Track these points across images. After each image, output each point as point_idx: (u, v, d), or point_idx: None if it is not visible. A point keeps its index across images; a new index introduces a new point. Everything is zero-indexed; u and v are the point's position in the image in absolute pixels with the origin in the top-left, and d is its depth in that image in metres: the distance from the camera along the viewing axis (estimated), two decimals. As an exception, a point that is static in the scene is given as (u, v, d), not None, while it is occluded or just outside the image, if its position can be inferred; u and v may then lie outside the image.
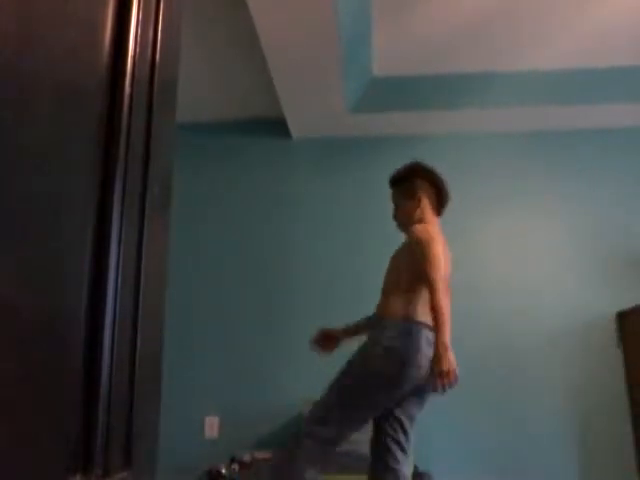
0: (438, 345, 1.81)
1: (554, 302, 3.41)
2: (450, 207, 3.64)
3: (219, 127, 3.91)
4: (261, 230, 3.69)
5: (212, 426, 3.40)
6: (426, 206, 2.19)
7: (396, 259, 2.12)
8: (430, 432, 3.28)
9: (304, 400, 3.19)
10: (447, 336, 1.83)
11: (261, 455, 3.08)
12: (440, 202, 2.23)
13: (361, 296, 3.54)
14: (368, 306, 3.53)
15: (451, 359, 1.80)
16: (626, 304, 3.31)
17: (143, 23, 0.63)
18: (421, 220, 2.17)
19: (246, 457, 3.08)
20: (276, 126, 3.80)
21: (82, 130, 0.53)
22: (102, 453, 0.51)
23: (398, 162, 3.74)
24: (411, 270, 2.03)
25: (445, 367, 1.78)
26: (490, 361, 3.29)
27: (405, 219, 2.21)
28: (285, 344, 3.50)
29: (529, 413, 3.25)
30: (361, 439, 3.11)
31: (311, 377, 3.42)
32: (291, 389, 3.40)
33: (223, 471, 2.96)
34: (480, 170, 3.67)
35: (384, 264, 3.61)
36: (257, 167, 3.81)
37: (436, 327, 1.84)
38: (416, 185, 2.19)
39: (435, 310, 1.85)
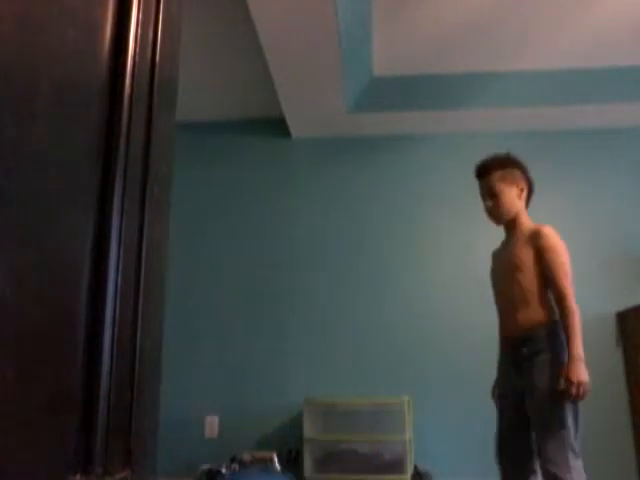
0: (573, 356, 1.82)
1: (554, 302, 3.41)
2: (450, 207, 3.64)
3: (219, 127, 3.90)
4: (261, 230, 3.69)
5: (212, 426, 3.40)
6: (524, 199, 2.05)
7: (514, 262, 1.96)
8: (430, 432, 3.28)
9: (304, 400, 3.19)
10: (580, 347, 1.85)
11: (261, 455, 3.08)
12: (528, 200, 2.10)
13: (361, 296, 3.54)
14: (368, 306, 3.53)
15: (584, 371, 1.82)
16: (626, 304, 3.31)
17: (143, 23, 0.63)
18: (522, 213, 2.04)
19: (246, 457, 3.08)
20: (276, 126, 3.80)
21: (82, 130, 0.53)
22: (102, 453, 0.51)
23: (398, 162, 3.74)
24: (540, 275, 1.92)
25: (578, 378, 1.81)
26: (490, 360, 3.28)
27: (507, 209, 2.03)
28: (285, 344, 3.49)
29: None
30: (361, 439, 3.11)
31: (311, 377, 3.42)
32: (291, 389, 3.40)
33: (223, 471, 2.96)
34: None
35: (384, 263, 3.62)
36: (257, 167, 3.81)
37: (569, 337, 1.85)
38: (516, 174, 2.05)
39: (570, 318, 1.86)
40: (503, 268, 2.01)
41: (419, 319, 3.47)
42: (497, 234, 3.61)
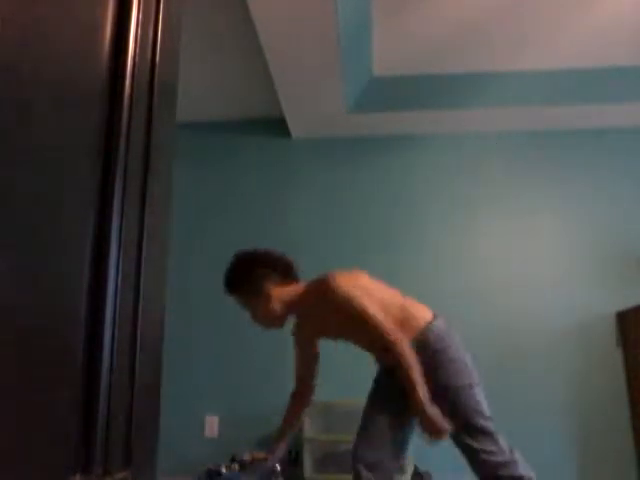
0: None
1: (554, 302, 3.41)
2: (450, 208, 3.64)
3: (219, 127, 3.90)
4: (261, 230, 3.69)
5: (212, 425, 3.40)
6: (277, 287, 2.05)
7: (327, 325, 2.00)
8: (430, 432, 3.28)
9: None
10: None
11: (261, 455, 3.08)
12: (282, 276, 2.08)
13: (361, 296, 3.53)
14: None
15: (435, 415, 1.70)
16: (626, 304, 3.31)
17: (143, 23, 0.63)
18: (279, 297, 2.05)
19: (246, 456, 3.08)
20: (276, 126, 3.80)
21: (82, 130, 0.53)
22: (102, 453, 0.51)
23: (398, 162, 3.73)
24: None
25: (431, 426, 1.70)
26: (490, 361, 3.28)
27: (269, 316, 2.12)
28: (285, 344, 3.49)
29: (529, 413, 3.25)
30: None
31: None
32: (291, 389, 3.39)
33: (223, 470, 2.96)
34: (480, 170, 3.67)
35: (384, 264, 3.61)
36: (257, 167, 3.81)
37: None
38: (255, 280, 2.06)
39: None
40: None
41: (419, 319, 3.47)
42: (498, 234, 3.62)
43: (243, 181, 3.78)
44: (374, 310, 1.83)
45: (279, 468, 2.98)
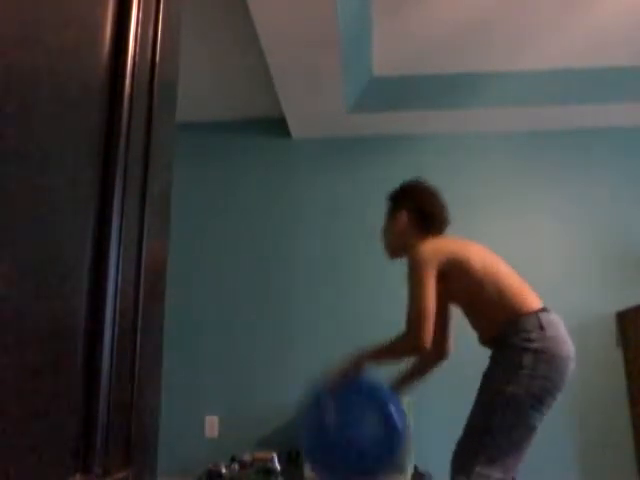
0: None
1: (554, 302, 3.39)
2: (450, 207, 3.64)
3: (219, 127, 3.90)
4: (261, 230, 3.69)
5: (212, 425, 3.40)
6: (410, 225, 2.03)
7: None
8: (430, 432, 3.28)
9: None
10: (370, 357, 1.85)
11: (261, 455, 3.08)
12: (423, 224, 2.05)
13: (361, 296, 3.54)
14: (367, 305, 3.53)
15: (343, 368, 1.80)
16: (626, 304, 3.31)
17: (143, 23, 0.63)
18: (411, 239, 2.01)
19: (246, 457, 3.08)
20: (276, 126, 3.80)
21: (82, 130, 0.53)
22: (102, 453, 0.51)
23: (398, 162, 3.73)
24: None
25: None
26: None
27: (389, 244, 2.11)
28: (285, 344, 3.49)
29: (529, 413, 3.25)
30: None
31: (311, 377, 3.41)
32: (291, 389, 3.40)
33: (223, 471, 2.96)
34: (480, 170, 3.67)
35: (384, 263, 3.61)
36: (257, 167, 3.81)
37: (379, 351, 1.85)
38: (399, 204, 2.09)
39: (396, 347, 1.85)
40: None
41: (419, 319, 3.47)
42: (498, 234, 3.61)
43: (243, 181, 3.78)
44: (426, 297, 1.74)
45: (279, 468, 2.98)
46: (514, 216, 3.57)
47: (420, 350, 1.74)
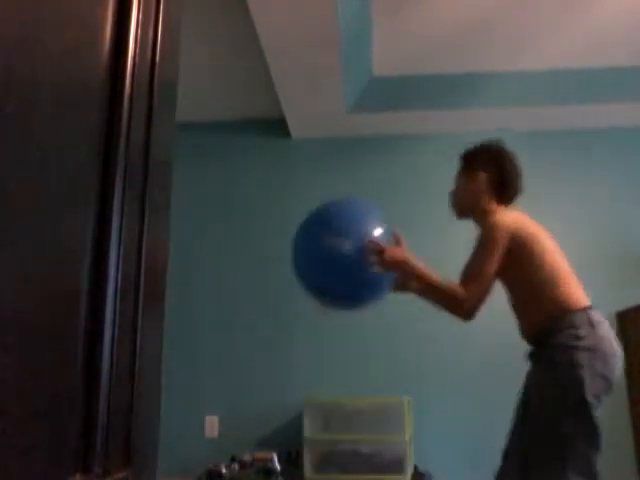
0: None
1: (554, 302, 3.41)
2: (450, 207, 3.63)
3: (219, 127, 3.90)
4: (261, 230, 3.69)
5: (212, 426, 3.40)
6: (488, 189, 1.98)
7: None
8: (430, 432, 3.28)
9: (304, 400, 3.19)
10: (418, 275, 1.77)
11: (261, 455, 3.08)
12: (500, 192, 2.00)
13: (361, 296, 3.53)
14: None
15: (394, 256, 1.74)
16: (626, 304, 3.31)
17: (143, 23, 0.63)
18: (486, 206, 1.97)
19: (246, 457, 3.08)
20: (276, 126, 3.80)
21: (82, 130, 0.53)
22: (102, 453, 0.51)
23: (398, 162, 3.73)
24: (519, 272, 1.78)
25: (388, 252, 1.74)
26: (490, 361, 3.28)
27: (459, 203, 2.07)
28: (285, 343, 3.49)
29: (529, 413, 3.25)
30: (361, 439, 3.11)
31: (311, 377, 3.42)
32: (291, 389, 3.40)
33: (223, 471, 2.97)
34: (480, 170, 3.67)
35: (384, 264, 3.61)
36: (257, 167, 3.80)
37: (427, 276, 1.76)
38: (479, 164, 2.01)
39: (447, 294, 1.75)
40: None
41: (420, 319, 3.47)
42: (497, 234, 3.61)
43: (243, 181, 3.78)
44: (491, 268, 1.69)
45: (279, 468, 2.98)
46: (514, 216, 3.57)
47: (463, 318, 1.69)
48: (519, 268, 1.73)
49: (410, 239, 3.64)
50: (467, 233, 3.59)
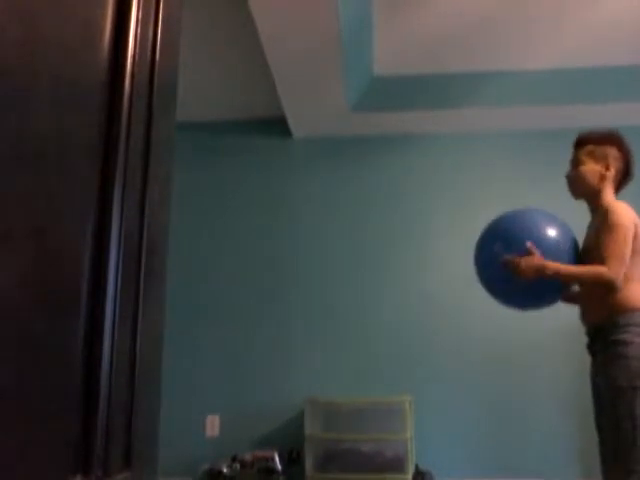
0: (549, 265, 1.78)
1: (555, 301, 3.41)
2: (450, 207, 3.64)
3: (219, 127, 3.90)
4: (261, 229, 3.69)
5: (213, 425, 3.40)
6: (612, 180, 2.02)
7: (587, 246, 1.94)
8: (431, 431, 3.28)
9: (306, 399, 3.19)
10: (563, 273, 1.79)
11: (262, 454, 3.08)
12: (619, 183, 2.07)
13: (363, 295, 3.54)
14: (369, 305, 3.53)
15: (529, 265, 1.77)
16: (627, 303, 3.30)
17: (143, 23, 0.63)
18: (606, 194, 2.01)
19: (247, 456, 3.08)
20: (277, 125, 3.80)
21: (82, 130, 0.53)
22: (102, 453, 0.51)
23: (399, 162, 3.73)
24: None
25: (523, 264, 1.77)
26: (490, 361, 3.28)
27: (581, 184, 2.09)
28: (286, 343, 3.50)
29: (529, 413, 3.25)
30: (362, 438, 3.11)
31: (313, 376, 3.42)
32: (292, 388, 3.40)
33: (224, 470, 2.97)
34: (480, 169, 3.67)
35: (385, 263, 3.61)
36: (257, 167, 3.80)
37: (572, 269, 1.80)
38: (610, 152, 2.04)
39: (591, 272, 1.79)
40: (582, 252, 1.97)
41: (421, 318, 3.47)
42: (498, 233, 3.61)
43: (243, 181, 3.78)
44: (627, 249, 1.75)
45: (280, 468, 2.98)
46: (515, 216, 3.57)
47: (613, 283, 1.72)
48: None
49: (411, 238, 3.66)
50: (467, 232, 3.59)
